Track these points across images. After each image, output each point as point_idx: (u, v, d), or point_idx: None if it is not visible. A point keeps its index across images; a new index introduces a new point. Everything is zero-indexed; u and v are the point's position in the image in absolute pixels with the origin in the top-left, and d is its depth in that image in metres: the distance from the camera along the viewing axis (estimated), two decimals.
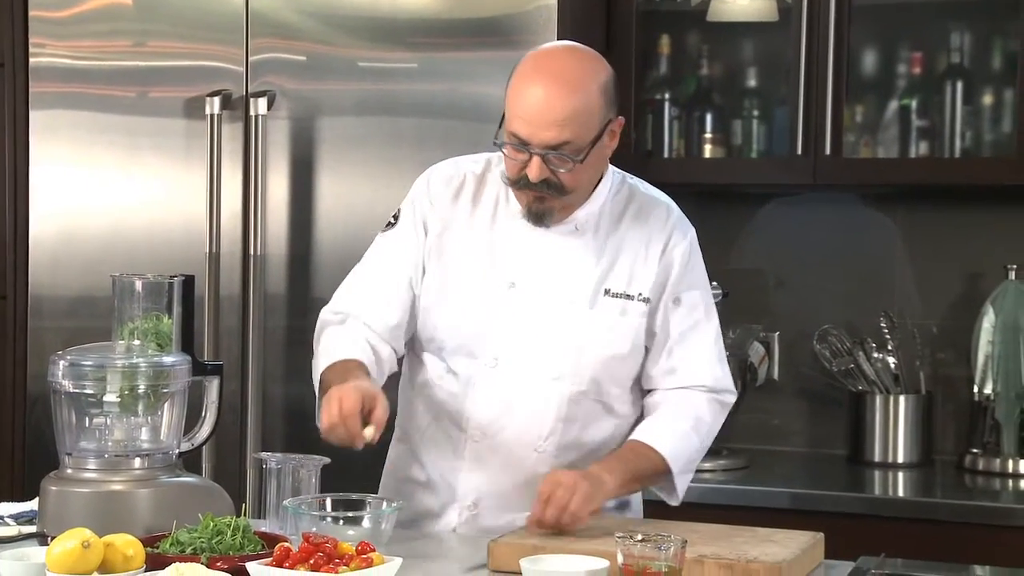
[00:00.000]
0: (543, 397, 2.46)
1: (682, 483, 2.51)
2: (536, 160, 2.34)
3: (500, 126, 2.39)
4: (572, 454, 2.48)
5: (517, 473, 2.47)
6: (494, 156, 2.52)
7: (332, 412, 2.23)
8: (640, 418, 2.54)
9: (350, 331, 2.49)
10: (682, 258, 2.51)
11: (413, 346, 2.57)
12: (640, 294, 2.47)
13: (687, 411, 2.49)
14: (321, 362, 2.45)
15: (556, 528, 2.27)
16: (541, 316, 2.45)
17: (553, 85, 2.32)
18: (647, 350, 2.51)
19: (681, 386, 2.50)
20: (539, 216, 2.43)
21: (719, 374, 2.53)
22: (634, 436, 2.48)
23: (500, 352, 2.46)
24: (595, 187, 2.48)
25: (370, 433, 2.24)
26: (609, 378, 2.48)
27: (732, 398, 2.56)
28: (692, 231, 2.55)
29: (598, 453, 2.49)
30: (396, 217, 2.56)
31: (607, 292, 2.46)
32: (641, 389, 2.55)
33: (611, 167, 2.53)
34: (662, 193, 2.59)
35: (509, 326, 2.46)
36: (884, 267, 3.69)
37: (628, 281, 2.47)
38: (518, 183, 2.39)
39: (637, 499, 2.65)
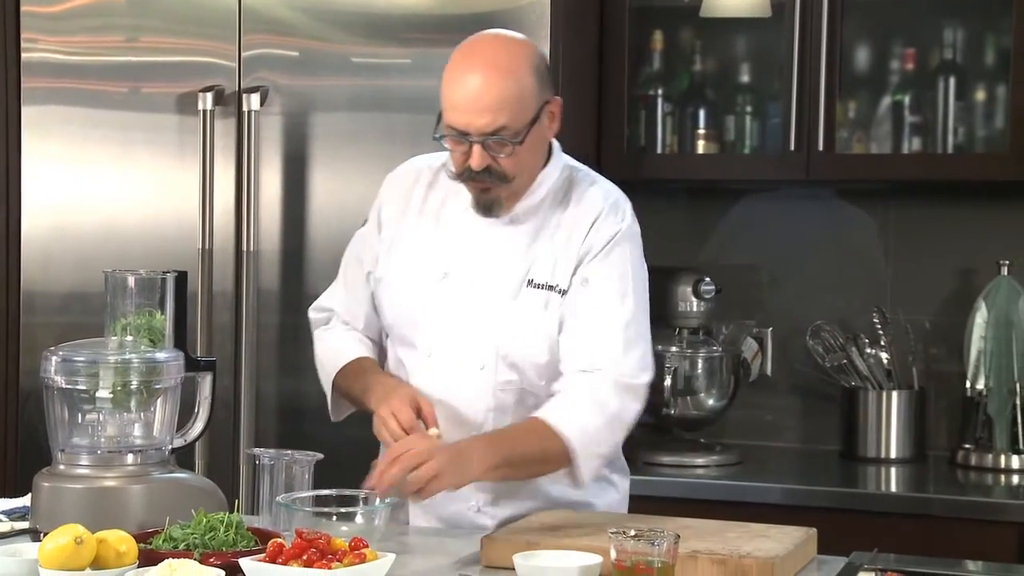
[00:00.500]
0: (472, 387, 2.48)
1: (587, 465, 2.42)
2: (476, 148, 2.36)
3: (438, 122, 2.41)
4: None
5: None
6: None
7: (396, 430, 2.32)
8: None
9: (341, 331, 2.61)
10: (603, 242, 2.46)
11: (388, 345, 2.62)
12: (557, 285, 2.46)
13: (590, 394, 2.42)
14: (328, 366, 2.57)
15: (396, 492, 2.25)
16: (470, 307, 2.47)
17: (483, 71, 2.35)
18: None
19: (582, 368, 2.43)
20: (487, 207, 2.45)
21: (619, 357, 2.43)
22: (535, 414, 2.43)
23: (434, 342, 2.49)
24: (539, 172, 2.48)
25: (436, 433, 2.33)
26: (532, 369, 2.47)
27: (639, 382, 2.46)
28: (628, 223, 2.50)
29: None
30: (368, 214, 2.64)
31: (530, 283, 2.47)
32: None
33: (559, 157, 2.53)
34: (609, 184, 2.56)
35: (441, 317, 2.49)
36: (877, 263, 3.69)
37: (551, 272, 2.46)
38: (463, 175, 2.42)
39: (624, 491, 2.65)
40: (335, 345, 2.62)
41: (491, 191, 2.42)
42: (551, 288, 2.46)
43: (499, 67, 2.36)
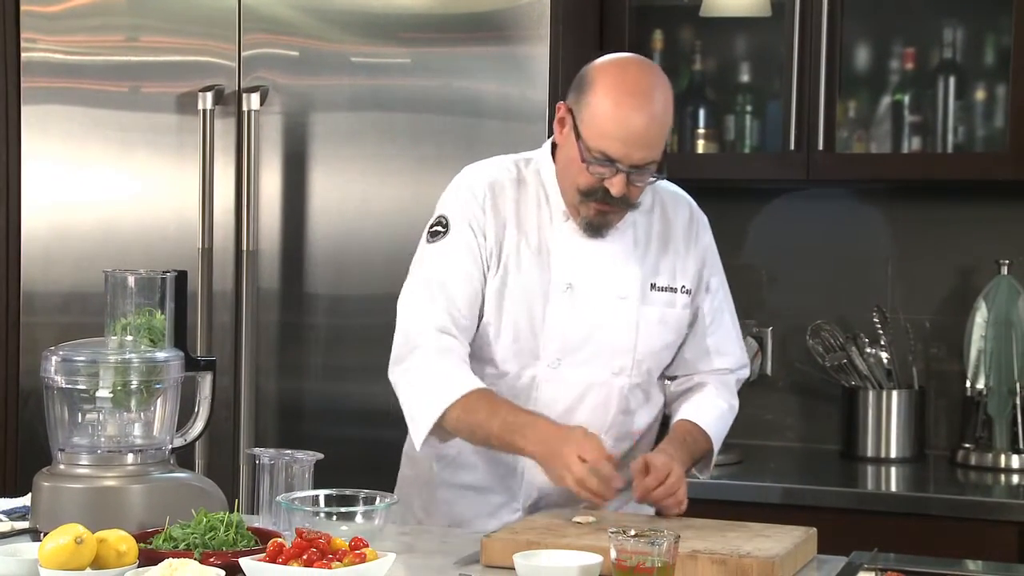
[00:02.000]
0: (604, 392, 2.53)
1: (715, 460, 2.64)
2: (622, 177, 2.39)
3: (578, 137, 2.39)
4: (625, 444, 2.57)
5: None
6: (520, 159, 2.56)
7: (596, 490, 2.27)
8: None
9: (447, 356, 2.44)
10: (710, 246, 2.63)
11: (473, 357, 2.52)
12: (683, 286, 2.57)
13: (725, 393, 2.63)
14: (437, 395, 2.41)
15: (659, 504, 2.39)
16: (597, 315, 2.51)
17: (649, 111, 2.37)
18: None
19: (715, 368, 2.62)
20: (598, 228, 2.48)
21: (740, 353, 2.67)
22: (687, 418, 2.57)
23: (562, 352, 2.50)
24: None
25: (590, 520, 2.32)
26: (658, 367, 2.59)
27: (747, 373, 2.71)
28: (705, 218, 2.66)
29: (642, 441, 2.59)
30: (444, 225, 2.50)
31: (653, 287, 2.54)
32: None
33: None
34: (677, 187, 2.67)
35: (569, 326, 2.50)
36: (877, 262, 3.69)
37: (671, 275, 2.57)
38: (590, 195, 2.42)
39: None
40: (445, 371, 2.44)
41: (607, 215, 2.46)
42: (674, 290, 2.55)
43: (659, 105, 2.39)
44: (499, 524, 2.49)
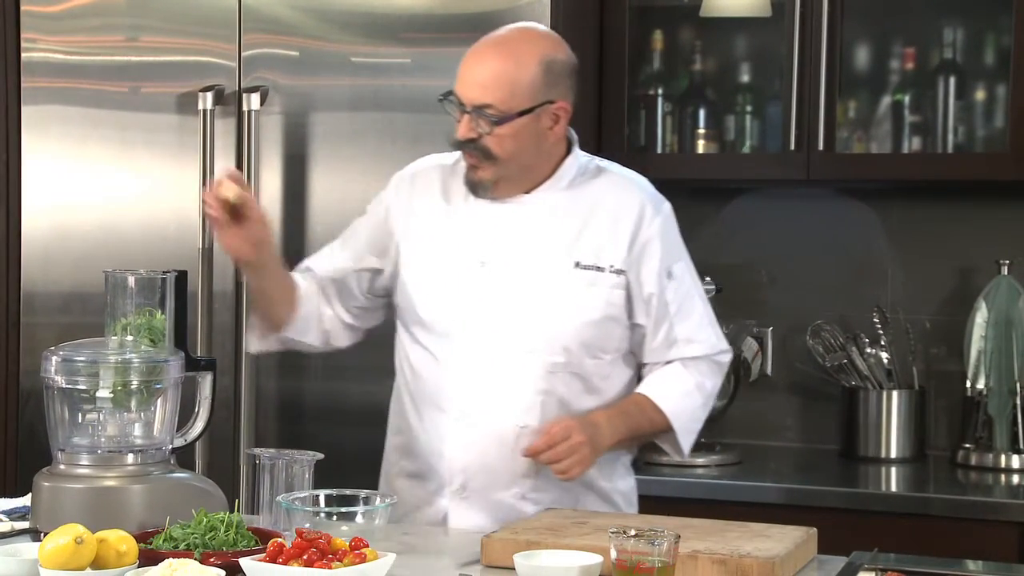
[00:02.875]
0: (520, 371, 2.52)
1: (686, 440, 2.62)
2: (465, 118, 2.46)
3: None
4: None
5: (502, 451, 2.52)
6: None
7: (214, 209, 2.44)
8: None
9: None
10: (661, 232, 2.58)
11: (403, 337, 2.64)
12: (612, 266, 2.54)
13: (694, 372, 2.62)
14: None
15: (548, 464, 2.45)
16: (512, 291, 2.52)
17: (488, 49, 2.49)
18: (637, 327, 2.58)
19: (687, 356, 2.61)
20: (473, 185, 2.54)
21: (714, 339, 2.64)
22: (639, 390, 2.58)
23: (477, 330, 2.52)
24: (556, 168, 2.56)
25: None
26: (581, 348, 2.54)
27: (728, 356, 2.69)
28: (667, 205, 2.63)
29: None
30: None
31: (577, 264, 2.53)
32: (630, 368, 2.63)
33: (579, 152, 2.61)
34: (634, 173, 2.67)
35: (482, 304, 2.53)
36: (877, 262, 3.69)
37: (598, 254, 2.54)
38: (454, 143, 2.51)
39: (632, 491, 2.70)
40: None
41: (477, 169, 2.50)
42: (600, 269, 2.53)
43: (504, 50, 2.47)
44: (435, 511, 2.55)
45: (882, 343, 3.53)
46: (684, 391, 2.59)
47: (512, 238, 2.54)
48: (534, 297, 2.52)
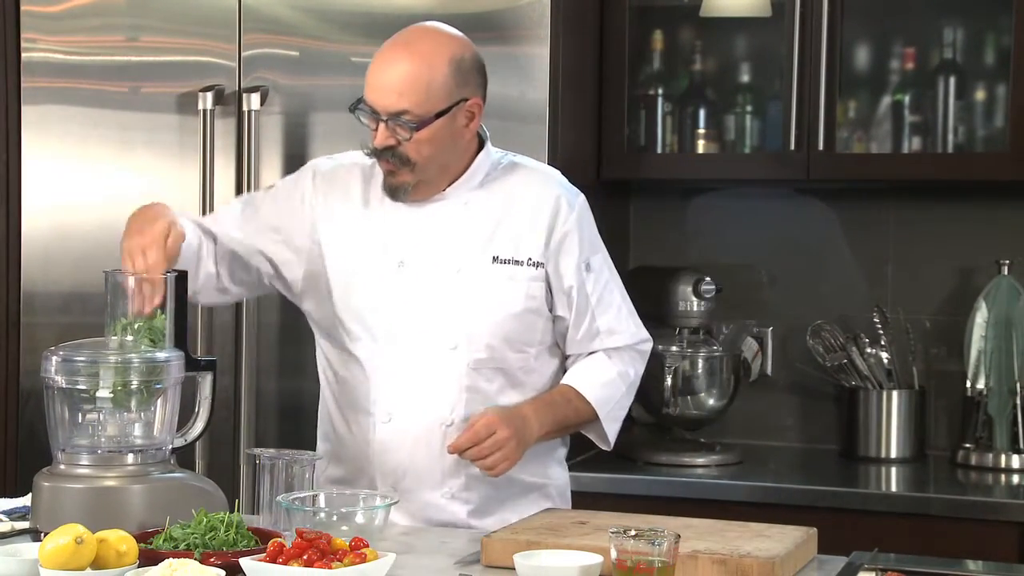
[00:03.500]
0: (443, 369, 2.51)
1: (611, 428, 2.62)
2: (381, 127, 2.44)
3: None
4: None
5: (430, 450, 2.51)
6: None
7: (137, 269, 2.35)
8: None
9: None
10: (578, 225, 2.56)
11: (323, 343, 2.64)
12: (530, 259, 2.53)
13: (616, 361, 2.61)
14: None
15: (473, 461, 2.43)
16: (431, 290, 2.51)
17: (396, 54, 2.44)
18: (559, 319, 2.58)
19: (608, 347, 2.60)
20: (393, 190, 2.51)
21: (634, 329, 2.64)
22: (564, 381, 2.58)
23: (397, 331, 2.52)
24: (469, 164, 2.54)
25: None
26: (504, 342, 2.53)
27: (649, 344, 2.69)
28: (581, 197, 2.61)
29: None
30: (275, 183, 2.72)
31: (495, 259, 2.52)
32: (555, 359, 2.62)
33: (491, 148, 2.59)
34: (547, 166, 2.69)
35: (403, 304, 2.52)
36: (877, 262, 3.69)
37: (515, 247, 2.53)
38: (374, 154, 2.48)
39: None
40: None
41: (396, 175, 2.48)
42: (518, 263, 2.52)
43: (412, 53, 2.43)
44: (443, 514, 2.53)
45: (882, 343, 3.53)
46: (608, 380, 2.59)
47: (429, 237, 2.53)
48: (453, 294, 2.50)
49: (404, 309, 2.52)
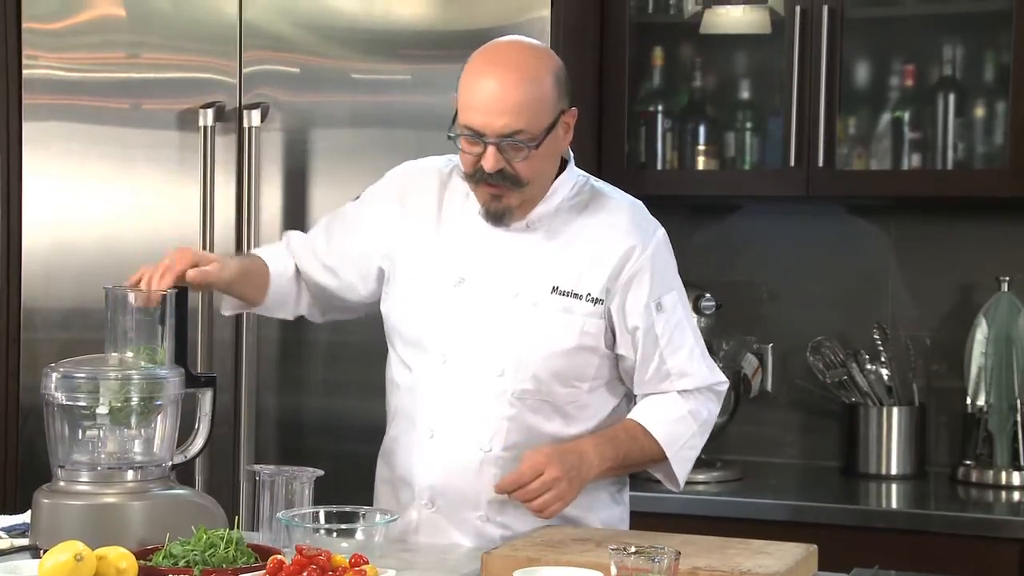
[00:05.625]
0: (488, 394, 2.46)
1: (681, 469, 2.53)
2: (491, 150, 2.36)
3: (453, 122, 2.42)
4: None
5: (467, 472, 2.47)
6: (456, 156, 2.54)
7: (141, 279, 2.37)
8: None
9: (279, 247, 2.69)
10: (652, 263, 2.49)
11: (389, 346, 2.62)
12: (589, 294, 2.46)
13: (690, 400, 2.52)
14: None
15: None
16: (487, 312, 2.47)
17: (505, 74, 2.36)
18: (622, 358, 2.50)
19: (679, 389, 2.52)
20: (497, 216, 2.46)
21: (706, 371, 2.54)
22: (631, 416, 2.52)
23: (448, 348, 2.48)
24: (552, 183, 2.49)
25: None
26: (552, 376, 2.46)
27: (725, 386, 2.59)
28: (660, 231, 2.54)
29: None
30: (358, 197, 2.68)
31: (555, 290, 2.46)
32: (615, 397, 2.54)
33: (574, 167, 2.54)
34: (628, 196, 2.59)
35: (457, 322, 2.48)
36: (877, 279, 3.69)
37: (578, 280, 2.46)
38: (474, 176, 2.42)
39: (625, 512, 2.66)
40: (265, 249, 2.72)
41: (503, 198, 2.42)
42: (577, 296, 2.46)
43: (521, 70, 2.37)
44: (406, 521, 2.51)
45: (882, 359, 3.53)
46: (677, 417, 2.51)
47: (493, 257, 2.48)
48: (506, 320, 2.45)
49: (457, 327, 2.47)
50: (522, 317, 2.45)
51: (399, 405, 2.57)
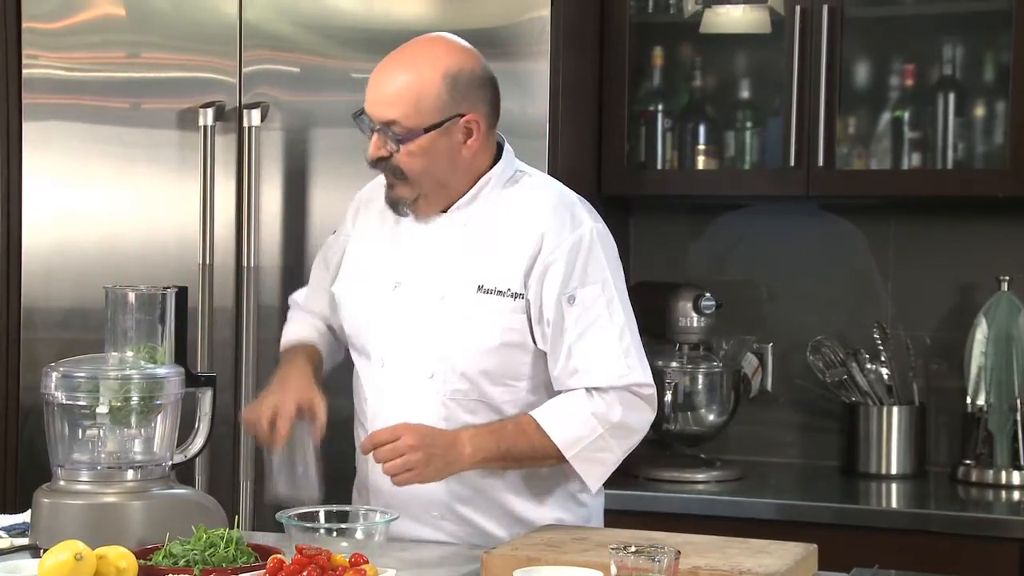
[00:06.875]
0: (420, 397, 2.46)
1: (588, 470, 2.45)
2: (374, 136, 2.42)
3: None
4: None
5: None
6: None
7: (259, 413, 2.43)
8: None
9: (300, 314, 2.75)
10: (569, 254, 2.42)
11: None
12: (510, 289, 2.42)
13: (597, 401, 2.42)
14: (282, 344, 2.74)
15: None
16: (418, 315, 2.47)
17: (390, 64, 2.43)
18: (543, 352, 2.45)
19: (586, 386, 2.43)
20: (392, 204, 2.50)
21: (623, 370, 2.43)
22: (531, 413, 2.44)
23: (386, 353, 2.50)
24: (476, 181, 2.48)
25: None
26: (481, 375, 2.44)
27: (648, 389, 2.46)
28: (589, 224, 2.46)
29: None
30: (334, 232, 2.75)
31: (480, 288, 2.43)
32: (547, 395, 2.48)
33: (511, 163, 2.52)
34: (559, 186, 2.55)
35: (392, 327, 2.49)
36: (877, 278, 3.69)
37: (500, 275, 2.43)
38: (368, 163, 2.47)
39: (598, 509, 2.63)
40: (290, 327, 2.75)
41: (394, 187, 2.46)
42: (500, 293, 2.43)
43: (405, 64, 2.41)
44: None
45: (882, 359, 3.53)
46: (578, 417, 2.41)
47: (423, 259, 2.48)
48: (434, 322, 2.44)
49: (393, 331, 2.49)
50: (449, 318, 2.44)
51: (356, 410, 2.61)
